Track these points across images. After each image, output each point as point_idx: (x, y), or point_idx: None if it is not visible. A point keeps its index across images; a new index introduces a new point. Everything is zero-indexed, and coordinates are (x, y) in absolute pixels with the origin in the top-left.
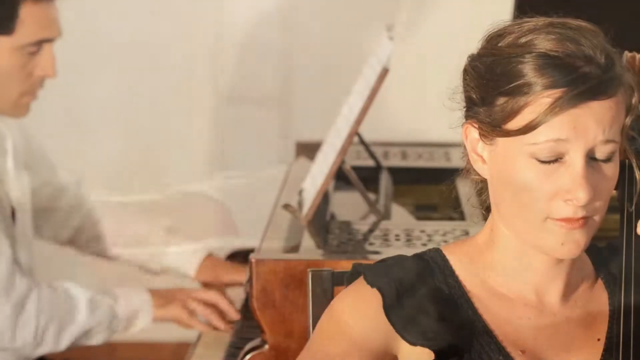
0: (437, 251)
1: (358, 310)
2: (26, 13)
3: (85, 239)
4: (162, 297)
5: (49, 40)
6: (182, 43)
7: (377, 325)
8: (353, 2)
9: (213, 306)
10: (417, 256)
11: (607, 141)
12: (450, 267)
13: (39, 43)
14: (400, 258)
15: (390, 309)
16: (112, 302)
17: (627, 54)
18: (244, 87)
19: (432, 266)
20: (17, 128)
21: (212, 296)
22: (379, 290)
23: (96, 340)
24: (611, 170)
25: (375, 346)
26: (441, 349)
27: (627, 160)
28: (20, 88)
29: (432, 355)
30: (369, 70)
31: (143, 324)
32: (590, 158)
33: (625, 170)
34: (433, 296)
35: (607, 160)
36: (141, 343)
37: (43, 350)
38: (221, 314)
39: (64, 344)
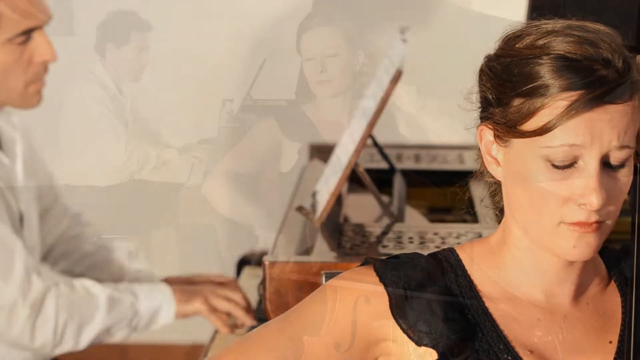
0: (451, 251)
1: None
2: (4, 6)
3: (56, 256)
4: (184, 292)
5: (38, 27)
6: (196, 47)
7: (362, 310)
8: (367, 4)
9: (234, 305)
10: (432, 255)
11: (622, 147)
12: (463, 266)
13: (27, 32)
14: (413, 256)
15: (396, 307)
16: (132, 298)
17: (639, 59)
18: (257, 91)
19: (445, 265)
20: (25, 137)
21: (234, 295)
22: (385, 286)
23: (117, 337)
24: (625, 176)
25: (351, 325)
26: (445, 349)
27: (639, 164)
28: (23, 78)
29: (434, 354)
30: (382, 72)
31: (165, 320)
32: (605, 163)
33: (637, 174)
34: (442, 295)
35: (621, 166)
36: (154, 345)
37: (63, 349)
38: (242, 313)
39: (84, 342)
